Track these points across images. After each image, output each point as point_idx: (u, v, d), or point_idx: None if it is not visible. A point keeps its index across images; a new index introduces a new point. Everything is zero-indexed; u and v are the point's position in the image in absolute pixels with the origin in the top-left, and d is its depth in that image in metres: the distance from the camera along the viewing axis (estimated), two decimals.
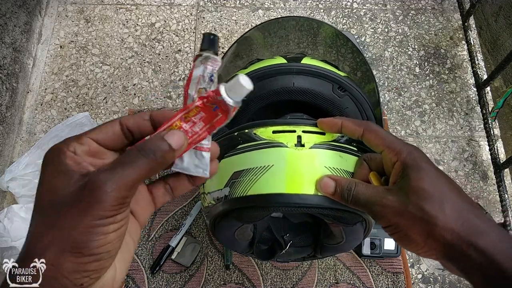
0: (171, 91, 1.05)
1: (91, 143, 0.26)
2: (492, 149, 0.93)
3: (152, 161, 0.24)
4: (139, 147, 0.25)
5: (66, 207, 0.23)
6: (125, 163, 0.24)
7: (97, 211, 0.23)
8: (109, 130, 0.26)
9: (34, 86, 1.06)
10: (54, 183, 0.24)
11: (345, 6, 1.17)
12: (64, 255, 0.23)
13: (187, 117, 0.27)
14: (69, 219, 0.23)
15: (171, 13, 1.15)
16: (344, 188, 0.34)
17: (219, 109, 0.27)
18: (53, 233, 0.23)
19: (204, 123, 0.28)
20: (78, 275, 0.24)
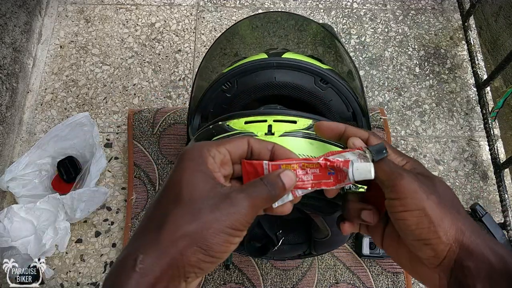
0: (171, 91, 1.05)
1: (226, 154, 0.30)
2: (492, 149, 0.93)
3: (271, 195, 0.29)
4: (265, 180, 0.29)
5: (209, 209, 0.27)
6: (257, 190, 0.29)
7: (234, 221, 0.27)
8: (240, 147, 0.31)
9: (34, 86, 1.06)
10: (195, 181, 0.28)
11: (345, 6, 1.17)
12: (193, 249, 0.26)
13: (304, 166, 0.31)
14: (209, 219, 0.27)
15: (171, 13, 1.15)
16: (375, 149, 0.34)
17: (333, 176, 0.31)
18: (191, 226, 0.26)
19: (314, 179, 0.31)
20: (192, 269, 0.27)
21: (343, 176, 0.31)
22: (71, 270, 0.87)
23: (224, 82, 0.56)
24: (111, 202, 0.93)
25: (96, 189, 0.86)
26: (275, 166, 0.31)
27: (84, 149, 0.93)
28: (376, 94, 1.05)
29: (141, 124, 0.96)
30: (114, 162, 0.96)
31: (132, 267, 0.26)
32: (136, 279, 0.25)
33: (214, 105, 0.58)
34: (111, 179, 0.95)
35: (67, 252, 0.88)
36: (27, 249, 0.79)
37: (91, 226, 0.90)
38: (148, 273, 0.26)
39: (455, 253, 0.29)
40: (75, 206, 0.84)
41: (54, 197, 0.82)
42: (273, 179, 0.30)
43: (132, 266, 0.26)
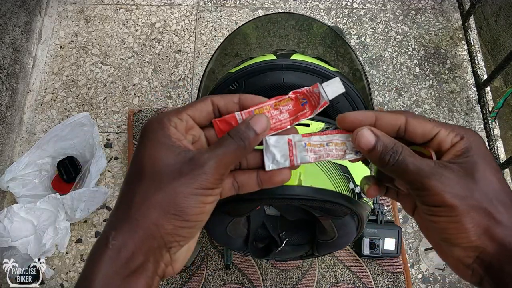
0: (171, 91, 1.05)
1: (189, 120, 0.29)
2: (492, 149, 0.93)
3: (241, 147, 0.28)
4: (231, 134, 0.28)
5: (172, 176, 0.26)
6: (223, 146, 0.28)
7: (202, 182, 0.26)
8: (203, 109, 0.30)
9: (34, 86, 1.06)
10: (157, 153, 0.27)
11: (345, 6, 1.17)
12: (167, 217, 0.26)
13: (277, 105, 0.30)
14: (174, 185, 0.26)
15: (171, 13, 1.15)
16: (388, 148, 0.28)
17: (308, 104, 0.30)
18: (158, 196, 0.26)
19: (289, 115, 0.30)
20: (172, 238, 0.27)
21: (317, 100, 0.30)
22: (71, 270, 0.87)
23: (232, 83, 0.56)
24: (111, 202, 0.92)
25: (96, 189, 0.86)
26: (248, 113, 0.30)
27: (84, 149, 0.93)
28: (376, 94, 1.05)
29: (141, 124, 0.96)
30: (114, 162, 0.96)
31: (105, 244, 0.26)
32: (110, 255, 0.25)
33: None
34: (111, 179, 0.95)
35: (67, 252, 0.88)
36: (27, 249, 0.79)
37: (91, 226, 0.90)
38: (122, 248, 0.26)
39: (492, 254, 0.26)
40: (75, 206, 0.84)
41: (54, 197, 0.82)
42: (239, 128, 0.28)
43: (105, 244, 0.26)
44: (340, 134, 0.30)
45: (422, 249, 0.86)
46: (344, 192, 0.46)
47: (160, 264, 0.28)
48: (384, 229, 0.79)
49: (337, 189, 0.45)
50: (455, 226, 0.26)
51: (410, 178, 0.27)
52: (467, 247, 0.26)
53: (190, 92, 1.05)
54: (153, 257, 0.27)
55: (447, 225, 0.26)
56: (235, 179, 0.30)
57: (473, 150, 0.27)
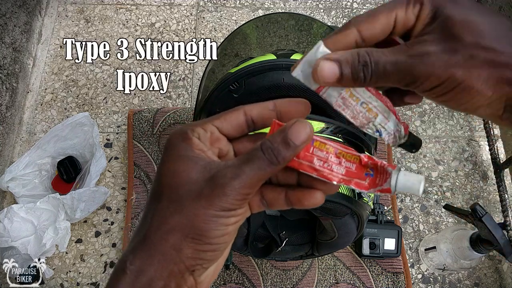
0: (171, 91, 1.05)
1: (214, 131, 0.26)
2: (492, 149, 0.93)
3: (274, 165, 0.24)
4: (264, 148, 0.24)
5: (192, 195, 0.24)
6: (251, 162, 0.24)
7: (222, 203, 0.24)
8: (233, 120, 0.27)
9: (34, 86, 1.06)
10: (178, 167, 0.25)
11: (345, 6, 1.17)
12: (186, 241, 0.24)
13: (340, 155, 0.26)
14: (194, 207, 0.24)
15: (171, 13, 1.15)
16: (356, 64, 0.25)
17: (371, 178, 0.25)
18: (177, 218, 0.24)
19: (345, 174, 0.26)
20: (194, 261, 0.25)
21: (382, 180, 0.25)
22: (71, 270, 0.87)
23: (232, 82, 0.56)
24: (111, 202, 0.93)
25: (96, 189, 0.86)
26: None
27: (84, 149, 0.93)
28: None
29: (141, 124, 0.96)
30: (114, 162, 0.96)
31: (123, 269, 0.25)
32: (127, 281, 0.24)
33: (220, 105, 0.58)
34: (111, 179, 0.95)
35: (67, 252, 0.88)
36: (27, 249, 0.79)
37: (91, 226, 0.90)
38: (140, 273, 0.24)
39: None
40: (75, 206, 0.84)
41: (54, 197, 0.82)
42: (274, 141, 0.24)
43: (123, 268, 0.25)
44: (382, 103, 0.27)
45: (422, 249, 0.86)
46: (344, 192, 0.46)
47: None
48: (384, 229, 0.79)
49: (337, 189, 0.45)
50: (466, 95, 0.24)
51: (396, 78, 0.24)
52: (489, 104, 0.24)
53: (190, 92, 1.05)
54: (175, 282, 0.25)
55: (458, 96, 0.24)
56: (263, 196, 0.27)
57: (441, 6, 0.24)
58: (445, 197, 0.93)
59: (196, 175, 0.25)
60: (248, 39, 0.75)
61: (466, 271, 0.85)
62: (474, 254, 0.71)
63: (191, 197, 0.24)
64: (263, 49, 0.76)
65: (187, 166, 0.25)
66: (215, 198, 0.24)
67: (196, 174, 0.25)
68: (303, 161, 0.25)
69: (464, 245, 0.72)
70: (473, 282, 0.86)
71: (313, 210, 0.47)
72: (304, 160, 0.25)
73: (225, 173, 0.24)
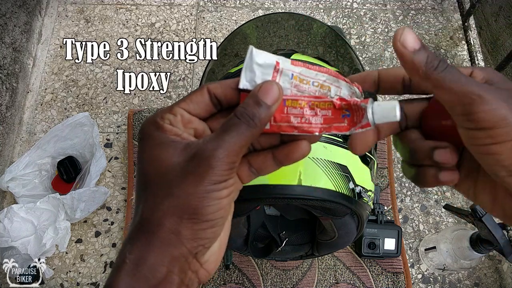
0: (171, 91, 1.05)
1: (183, 113, 0.26)
2: None
3: (252, 127, 0.25)
4: (238, 114, 0.25)
5: (178, 176, 0.24)
6: (229, 130, 0.24)
7: (211, 176, 0.24)
8: (199, 100, 0.27)
9: (34, 86, 1.06)
10: (158, 155, 0.25)
11: (345, 6, 1.17)
12: (183, 222, 0.24)
13: (314, 105, 0.26)
14: (184, 187, 0.24)
15: (171, 13, 1.15)
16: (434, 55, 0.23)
17: (348, 118, 0.26)
18: (169, 201, 0.24)
19: (324, 122, 0.26)
20: (195, 243, 0.24)
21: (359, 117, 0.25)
22: (71, 270, 0.87)
23: None
24: (111, 202, 0.93)
25: (96, 189, 0.86)
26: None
27: (84, 149, 0.93)
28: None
29: (141, 124, 0.96)
30: (114, 162, 0.96)
31: (122, 260, 0.24)
32: (127, 270, 0.24)
33: None
34: (111, 179, 0.95)
35: (67, 252, 0.88)
36: (27, 249, 0.79)
37: (91, 226, 0.90)
38: (139, 262, 0.24)
39: None
40: (75, 206, 0.84)
41: (54, 197, 0.82)
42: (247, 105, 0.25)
43: (122, 259, 0.25)
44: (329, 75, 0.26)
45: (422, 249, 0.86)
46: (344, 192, 0.46)
47: (187, 273, 0.25)
48: (384, 229, 0.79)
49: (337, 189, 0.45)
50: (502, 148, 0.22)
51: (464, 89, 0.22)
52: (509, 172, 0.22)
53: (190, 92, 1.05)
54: (178, 267, 0.25)
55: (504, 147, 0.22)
56: (251, 164, 0.28)
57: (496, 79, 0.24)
58: (445, 197, 0.93)
59: (178, 158, 0.25)
60: (248, 39, 0.75)
61: (466, 271, 0.85)
62: (474, 254, 0.71)
63: (179, 178, 0.24)
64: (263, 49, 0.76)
65: (167, 152, 0.25)
66: (203, 173, 0.24)
67: (178, 158, 0.25)
68: (280, 123, 0.26)
69: (464, 245, 0.72)
70: (473, 282, 0.86)
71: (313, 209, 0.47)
72: (281, 122, 0.26)
73: (206, 147, 0.24)
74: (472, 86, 0.22)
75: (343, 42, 0.72)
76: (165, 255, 0.24)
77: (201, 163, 0.24)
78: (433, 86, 0.24)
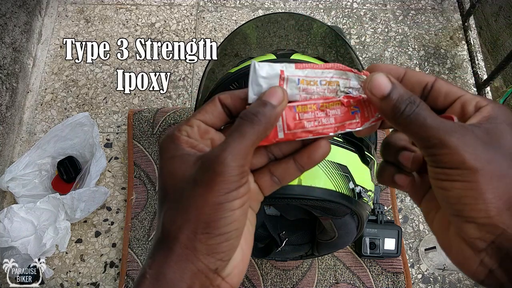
0: (171, 91, 1.05)
1: (200, 124, 0.26)
2: None
3: (257, 125, 0.24)
4: (242, 115, 0.25)
5: (190, 189, 0.24)
6: (234, 133, 0.24)
7: (220, 185, 0.23)
8: (213, 110, 0.27)
9: (34, 86, 1.06)
10: (173, 168, 0.25)
11: (345, 6, 1.17)
12: (196, 237, 0.23)
13: (324, 107, 0.26)
14: (194, 200, 0.23)
15: (171, 13, 1.15)
16: (404, 97, 0.24)
17: (359, 114, 0.26)
18: (183, 216, 0.24)
19: (336, 122, 0.26)
20: (212, 258, 0.24)
21: (371, 111, 0.26)
22: (71, 270, 0.87)
23: (232, 82, 0.55)
24: (111, 202, 0.92)
25: (96, 189, 0.86)
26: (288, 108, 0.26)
27: (84, 149, 0.93)
28: None
29: (141, 124, 0.96)
30: (114, 162, 0.96)
31: (143, 275, 0.24)
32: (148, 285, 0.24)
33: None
34: (111, 179, 0.95)
35: (67, 252, 0.88)
36: (27, 249, 0.79)
37: (91, 226, 0.90)
38: (159, 277, 0.24)
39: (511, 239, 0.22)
40: (75, 206, 0.84)
41: (54, 197, 0.82)
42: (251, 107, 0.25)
43: (142, 274, 0.24)
44: (336, 70, 0.26)
45: (422, 249, 0.86)
46: (344, 192, 0.46)
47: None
48: (384, 229, 0.79)
49: (337, 189, 0.45)
50: (473, 194, 0.22)
51: (427, 133, 0.23)
52: (483, 225, 0.22)
53: (190, 92, 1.05)
54: (199, 283, 0.24)
55: (463, 192, 0.22)
56: (273, 173, 0.27)
57: (500, 118, 0.24)
58: None
59: (190, 170, 0.24)
60: (248, 39, 0.75)
61: None
62: None
63: (190, 190, 0.24)
64: (263, 49, 0.76)
65: (181, 164, 0.25)
66: (210, 182, 0.23)
67: (191, 169, 0.24)
68: (295, 130, 0.26)
69: None
70: (473, 282, 0.85)
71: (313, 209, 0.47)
72: (296, 129, 0.26)
73: (211, 154, 0.24)
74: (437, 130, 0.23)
75: (343, 42, 0.72)
76: (184, 271, 0.24)
77: (208, 171, 0.23)
78: (401, 129, 0.25)
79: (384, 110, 0.25)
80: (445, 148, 0.22)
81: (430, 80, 0.26)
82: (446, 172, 0.23)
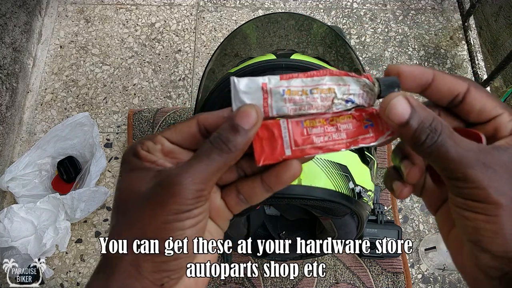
0: (171, 91, 1.05)
1: (165, 142, 0.25)
2: None
3: (225, 153, 0.22)
4: (212, 139, 0.23)
5: (143, 204, 0.23)
6: (200, 156, 0.23)
7: (172, 205, 0.22)
8: (185, 131, 0.25)
9: (34, 86, 1.06)
10: (130, 181, 0.24)
11: (345, 6, 1.17)
12: (142, 255, 0.22)
13: (334, 121, 0.24)
14: (142, 216, 0.23)
15: (171, 13, 1.15)
16: (426, 124, 0.22)
17: (372, 128, 0.24)
18: (128, 232, 0.23)
19: (348, 137, 0.24)
20: (158, 275, 0.23)
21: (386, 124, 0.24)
22: (71, 270, 0.87)
23: None
24: (111, 202, 0.92)
25: (96, 189, 0.86)
26: (296, 123, 0.24)
27: (84, 149, 0.93)
28: None
29: (141, 124, 0.96)
30: (114, 162, 0.96)
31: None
32: None
33: (220, 105, 0.57)
34: (111, 179, 0.95)
35: (67, 252, 0.88)
36: (27, 249, 0.79)
37: (91, 226, 0.90)
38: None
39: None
40: (75, 206, 0.84)
41: (54, 197, 0.82)
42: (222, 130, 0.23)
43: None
44: (330, 76, 0.24)
45: (422, 249, 0.86)
46: (344, 192, 0.46)
47: None
48: (384, 229, 0.79)
49: (337, 189, 0.45)
50: (493, 228, 0.21)
51: (449, 166, 0.22)
52: (499, 257, 0.22)
53: (190, 92, 1.05)
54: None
55: (484, 225, 0.22)
56: (239, 191, 0.26)
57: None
58: None
59: (145, 185, 0.23)
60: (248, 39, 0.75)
61: None
62: None
63: (140, 206, 0.23)
64: (263, 49, 0.76)
65: (137, 178, 0.24)
66: (163, 202, 0.22)
67: (146, 184, 0.23)
68: (303, 146, 0.24)
69: None
70: None
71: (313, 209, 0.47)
72: (304, 145, 0.24)
73: (171, 173, 0.22)
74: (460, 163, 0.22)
75: (343, 42, 0.72)
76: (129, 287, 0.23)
77: (164, 190, 0.22)
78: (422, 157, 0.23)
79: (404, 137, 0.23)
80: (468, 182, 0.21)
81: (462, 90, 0.24)
82: (468, 204, 0.22)
